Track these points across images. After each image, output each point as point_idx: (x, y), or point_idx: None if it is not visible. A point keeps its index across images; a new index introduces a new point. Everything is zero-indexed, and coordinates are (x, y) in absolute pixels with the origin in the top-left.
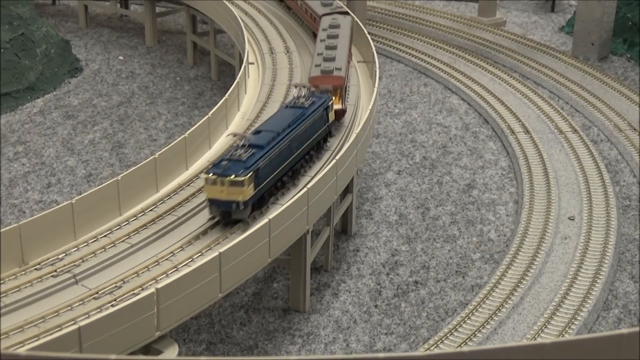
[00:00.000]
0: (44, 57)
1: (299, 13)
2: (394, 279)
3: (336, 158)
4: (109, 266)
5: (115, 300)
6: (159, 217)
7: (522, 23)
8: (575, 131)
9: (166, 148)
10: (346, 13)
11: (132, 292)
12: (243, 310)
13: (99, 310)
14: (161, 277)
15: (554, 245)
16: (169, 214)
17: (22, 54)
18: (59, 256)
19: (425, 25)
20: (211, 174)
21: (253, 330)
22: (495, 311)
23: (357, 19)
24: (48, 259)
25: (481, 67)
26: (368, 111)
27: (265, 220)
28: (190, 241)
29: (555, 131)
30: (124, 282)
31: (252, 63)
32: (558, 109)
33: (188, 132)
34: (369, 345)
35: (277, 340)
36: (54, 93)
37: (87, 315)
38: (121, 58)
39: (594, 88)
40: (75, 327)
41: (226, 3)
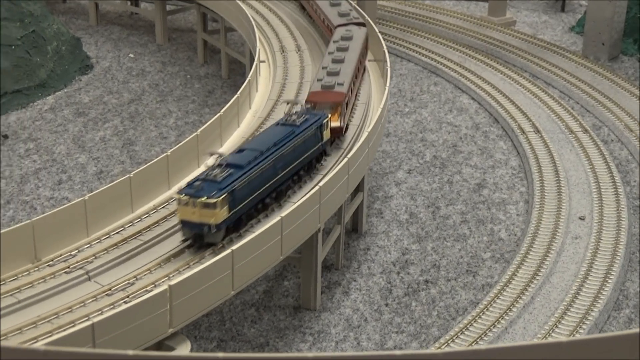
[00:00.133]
0: (55, 55)
1: (317, 21)
2: (405, 278)
3: (348, 156)
4: (122, 263)
5: (128, 297)
6: (171, 214)
7: (532, 23)
8: (585, 131)
9: (178, 145)
10: (362, 24)
11: (145, 289)
12: (254, 308)
13: (112, 306)
14: (174, 274)
15: (565, 245)
16: None
17: (33, 51)
18: (72, 253)
19: (435, 24)
20: (183, 195)
21: (264, 328)
22: (506, 310)
23: (369, 18)
24: (61, 256)
25: (491, 67)
26: (379, 110)
27: (277, 218)
28: None
29: (565, 131)
30: (137, 279)
31: (263, 61)
32: (568, 109)
33: (200, 130)
34: (380, 343)
35: (288, 338)
36: (65, 90)
37: (100, 311)
38: (132, 56)
39: (605, 88)
40: (88, 324)
41: (237, 2)
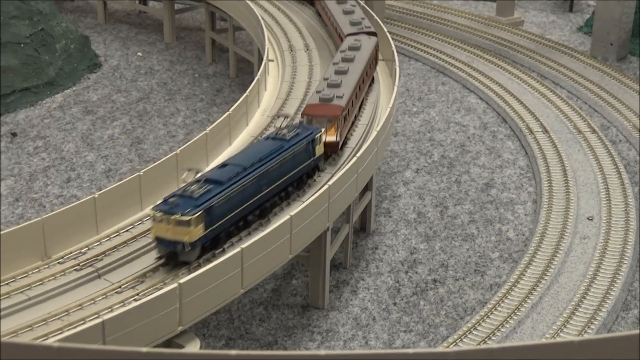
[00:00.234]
0: (64, 53)
1: (329, 28)
2: (413, 277)
3: (357, 156)
4: (131, 261)
5: (137, 294)
6: None
7: (540, 23)
8: (593, 131)
9: (187, 144)
10: (373, 34)
11: (155, 287)
12: (262, 306)
13: (122, 304)
14: (183, 272)
15: (573, 245)
16: None
17: (42, 50)
18: (82, 250)
19: (443, 24)
20: (157, 211)
21: (272, 326)
22: (514, 310)
23: (377, 18)
24: (71, 253)
25: (499, 67)
26: (388, 109)
27: (286, 216)
28: None
29: (573, 131)
30: (147, 277)
31: (272, 60)
32: (576, 109)
33: (209, 128)
34: (388, 342)
35: (297, 336)
36: (73, 88)
37: (110, 309)
38: (140, 54)
39: (613, 88)
40: (99, 321)
41: (247, 1)
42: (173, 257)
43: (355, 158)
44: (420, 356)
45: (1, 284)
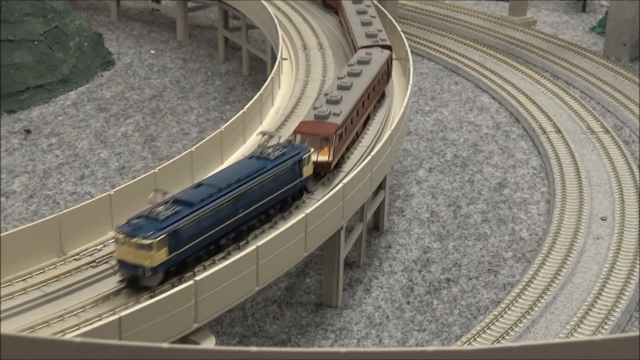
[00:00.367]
0: (77, 50)
1: (347, 39)
2: (426, 276)
3: (371, 154)
4: None
5: (153, 291)
6: None
7: (553, 23)
8: (607, 131)
9: (202, 142)
10: (388, 47)
11: (171, 284)
12: (276, 304)
13: (138, 301)
14: (199, 270)
15: (587, 245)
16: None
17: (56, 47)
18: (97, 247)
19: (455, 23)
20: (119, 232)
21: (286, 324)
22: (527, 310)
23: (391, 17)
24: (87, 250)
25: (512, 66)
26: (402, 108)
27: (302, 215)
28: None
29: (586, 131)
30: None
31: (285, 59)
32: (589, 109)
33: (224, 126)
34: (402, 341)
35: (310, 334)
36: (87, 86)
37: (126, 305)
38: (153, 52)
39: (626, 89)
40: (115, 317)
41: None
42: (135, 282)
43: (369, 157)
44: (439, 354)
45: (18, 280)
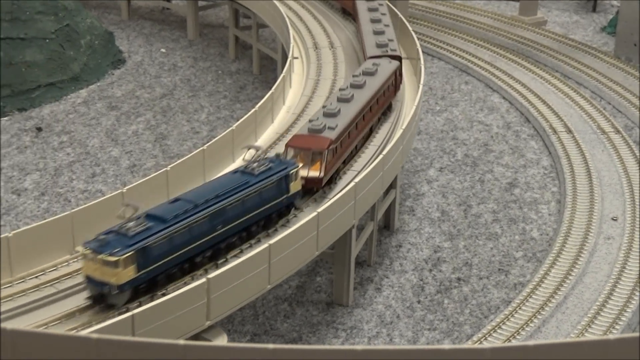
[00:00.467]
0: (88, 49)
1: (360, 47)
2: (437, 275)
3: (383, 153)
4: None
5: (166, 289)
6: None
7: (563, 22)
8: (617, 132)
9: (214, 140)
10: (397, 58)
11: (183, 282)
12: (287, 302)
13: (151, 298)
14: (211, 267)
15: (597, 245)
16: None
17: (67, 45)
18: None
19: (465, 23)
20: (86, 248)
21: (297, 322)
22: (538, 309)
23: (402, 16)
24: None
25: (522, 66)
26: (414, 107)
27: (314, 213)
28: None
29: (597, 131)
30: (174, 270)
31: (297, 58)
32: (600, 109)
33: (235, 125)
34: (412, 340)
35: (321, 333)
36: (98, 84)
37: (139, 302)
38: (163, 50)
39: (637, 89)
40: (128, 315)
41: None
42: (102, 299)
43: (381, 156)
44: (456, 353)
45: (31, 277)
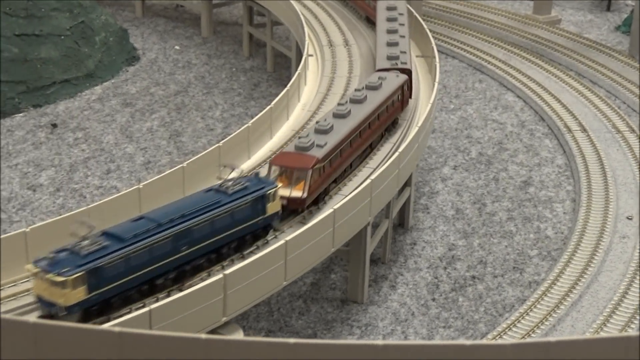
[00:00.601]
0: (103, 45)
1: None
2: (452, 273)
3: (399, 151)
4: None
5: (183, 285)
6: None
7: (578, 21)
8: (632, 131)
9: (230, 137)
10: (407, 71)
11: (200, 277)
12: (301, 299)
13: (168, 294)
14: (227, 264)
15: (613, 244)
16: None
17: (82, 42)
18: None
19: (479, 21)
20: (35, 266)
21: (311, 319)
22: (553, 308)
23: (416, 14)
24: None
25: (536, 65)
26: (429, 105)
27: (330, 210)
28: None
29: (612, 130)
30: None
31: (312, 55)
32: (615, 108)
33: (251, 122)
34: (427, 337)
35: (336, 330)
36: (112, 81)
37: (156, 298)
38: (177, 48)
39: None
40: (146, 310)
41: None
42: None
43: (397, 153)
44: (477, 349)
45: None
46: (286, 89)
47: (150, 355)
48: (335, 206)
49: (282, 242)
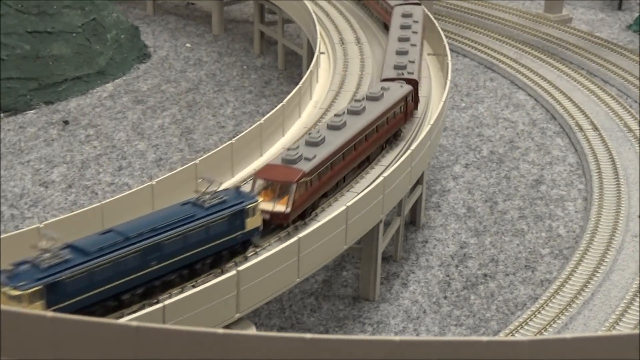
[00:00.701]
0: (114, 43)
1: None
2: (463, 271)
3: (411, 148)
4: None
5: (196, 281)
6: None
7: (589, 20)
8: None
9: (242, 134)
10: (413, 82)
11: (213, 274)
12: (313, 297)
13: (181, 290)
14: (240, 260)
15: (625, 242)
16: None
17: (93, 39)
18: None
19: (490, 20)
20: None
21: (323, 317)
22: (565, 306)
23: (429, 13)
24: None
25: (548, 64)
26: (441, 103)
27: (343, 207)
28: None
29: (624, 129)
30: (204, 264)
31: (323, 53)
32: (627, 107)
33: (264, 119)
34: (439, 335)
35: (348, 327)
36: (124, 78)
37: (169, 294)
38: (188, 45)
39: None
40: (159, 306)
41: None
42: None
43: (409, 151)
44: (494, 345)
45: None
46: (298, 86)
47: (166, 349)
48: (348, 203)
49: (295, 239)
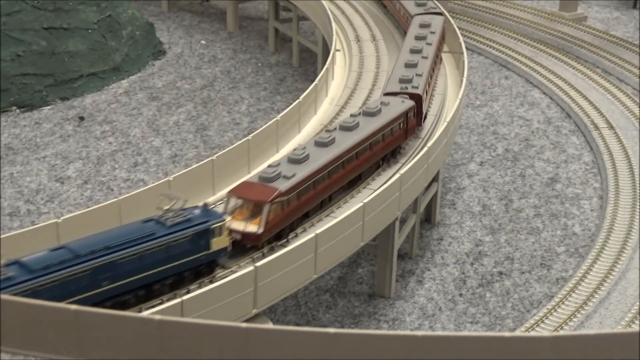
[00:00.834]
0: (130, 39)
1: None
2: (479, 269)
3: (428, 145)
4: None
5: (214, 277)
6: None
7: (604, 19)
8: None
9: (258, 130)
10: (415, 96)
11: (230, 270)
12: (328, 293)
13: (199, 285)
14: (258, 256)
15: None
16: None
17: (109, 36)
18: None
19: (505, 18)
20: None
21: (339, 313)
22: (581, 305)
23: (445, 12)
24: None
25: (563, 62)
26: (457, 101)
27: (359, 204)
28: None
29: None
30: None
31: (339, 50)
32: None
33: (280, 115)
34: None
35: (363, 324)
36: (139, 74)
37: (187, 290)
38: (203, 42)
39: None
40: (177, 301)
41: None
42: None
43: (426, 148)
44: (517, 340)
45: None
46: (314, 83)
47: (189, 343)
48: (365, 200)
49: (313, 235)
